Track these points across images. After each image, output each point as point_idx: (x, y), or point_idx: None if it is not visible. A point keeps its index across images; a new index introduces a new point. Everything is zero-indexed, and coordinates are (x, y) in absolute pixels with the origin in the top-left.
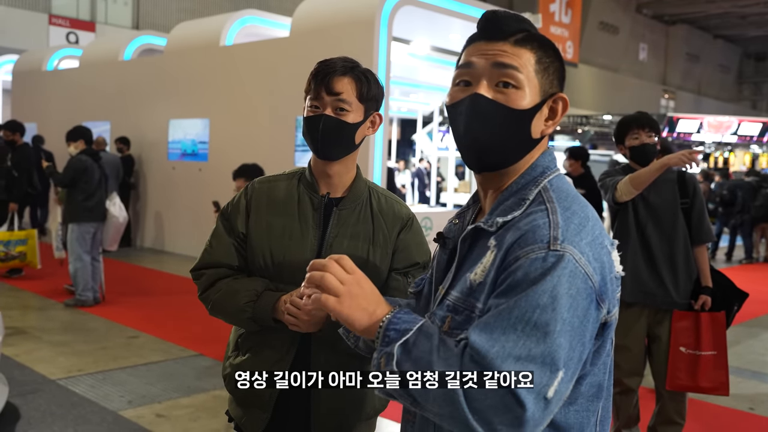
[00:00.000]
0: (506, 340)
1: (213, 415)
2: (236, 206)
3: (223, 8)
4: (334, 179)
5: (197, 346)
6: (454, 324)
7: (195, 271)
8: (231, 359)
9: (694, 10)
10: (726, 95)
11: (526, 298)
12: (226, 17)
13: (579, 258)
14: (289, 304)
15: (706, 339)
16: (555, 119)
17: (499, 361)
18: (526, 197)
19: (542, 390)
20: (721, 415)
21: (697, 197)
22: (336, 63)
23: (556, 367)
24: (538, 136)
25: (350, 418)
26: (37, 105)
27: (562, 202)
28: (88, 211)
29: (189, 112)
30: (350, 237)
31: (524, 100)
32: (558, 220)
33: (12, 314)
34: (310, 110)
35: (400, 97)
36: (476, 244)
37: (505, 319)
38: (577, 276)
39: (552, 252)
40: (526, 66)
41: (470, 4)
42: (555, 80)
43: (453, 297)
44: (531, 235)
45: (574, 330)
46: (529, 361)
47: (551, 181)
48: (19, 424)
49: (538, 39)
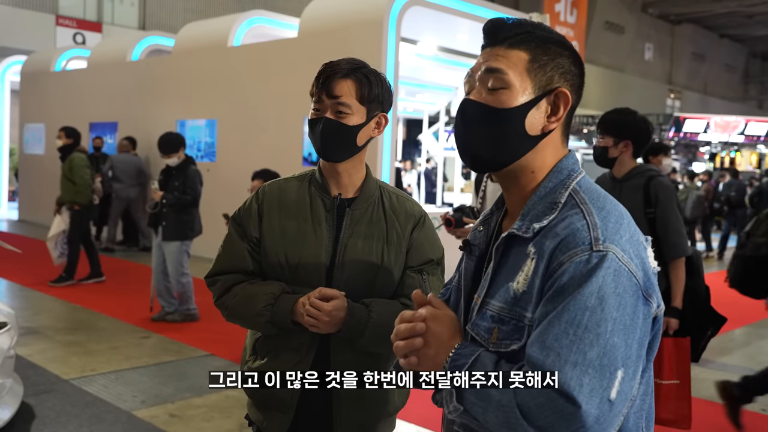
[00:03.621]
0: (560, 347)
1: (226, 416)
2: (248, 211)
3: (230, 8)
4: (343, 179)
5: (208, 346)
6: (501, 335)
7: (209, 278)
8: (249, 363)
9: (700, 9)
10: (732, 95)
11: (573, 302)
12: (233, 18)
13: (621, 256)
14: (309, 306)
15: (668, 366)
16: (557, 114)
17: (557, 370)
18: (557, 200)
19: (605, 392)
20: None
21: (660, 207)
22: (339, 65)
23: (614, 366)
24: (537, 133)
25: (372, 415)
26: (45, 105)
27: (595, 202)
28: (191, 227)
29: (197, 113)
30: (364, 237)
31: (514, 99)
32: (596, 220)
33: (24, 314)
34: (313, 113)
35: (406, 97)
36: (510, 251)
37: (556, 326)
38: (622, 274)
39: (596, 253)
40: (517, 66)
41: (477, 4)
42: (556, 76)
43: (496, 307)
44: (572, 239)
45: (626, 328)
46: (586, 365)
47: (579, 182)
48: (34, 423)
49: (536, 38)
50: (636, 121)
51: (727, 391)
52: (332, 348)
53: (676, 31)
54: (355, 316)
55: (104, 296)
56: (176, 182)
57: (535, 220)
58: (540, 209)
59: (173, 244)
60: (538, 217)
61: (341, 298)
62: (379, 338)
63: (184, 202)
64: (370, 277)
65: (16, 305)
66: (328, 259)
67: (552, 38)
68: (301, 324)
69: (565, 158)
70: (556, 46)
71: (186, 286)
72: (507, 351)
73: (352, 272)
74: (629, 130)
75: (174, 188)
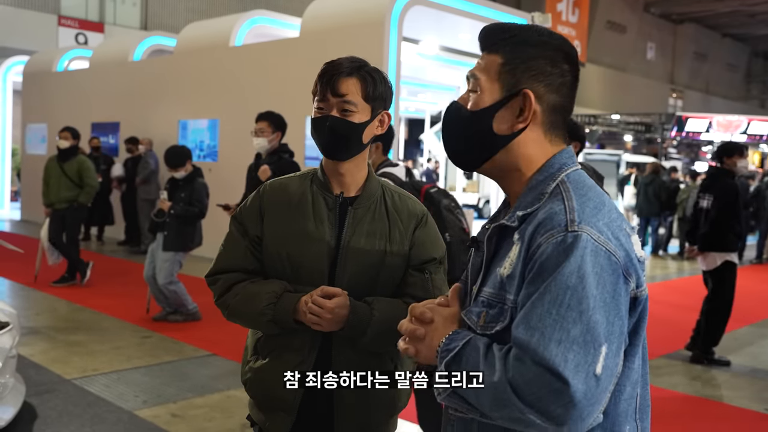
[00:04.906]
0: (544, 326)
1: (228, 416)
2: (249, 209)
3: (231, 8)
4: (346, 178)
5: (210, 346)
6: (488, 318)
7: (210, 277)
8: (251, 363)
9: (702, 8)
10: (734, 94)
11: (554, 282)
12: (235, 18)
13: (597, 236)
14: (311, 304)
15: None
16: (523, 115)
17: (542, 349)
18: (544, 191)
19: (590, 368)
20: (736, 416)
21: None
22: (342, 64)
23: (598, 342)
24: (506, 133)
25: (373, 415)
26: (48, 106)
27: (578, 190)
28: (192, 239)
29: (198, 113)
30: (366, 235)
31: (482, 102)
32: (573, 205)
33: (26, 314)
34: (316, 111)
35: (408, 96)
36: (503, 241)
37: (539, 306)
38: (599, 253)
39: (570, 233)
40: (489, 70)
41: (479, 3)
42: (525, 77)
43: (486, 293)
44: (549, 222)
45: (607, 305)
46: (570, 342)
47: (569, 175)
48: (36, 423)
49: (513, 42)
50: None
51: None
52: (334, 347)
53: (678, 30)
54: (358, 314)
55: (106, 296)
56: (183, 193)
57: (521, 209)
58: (528, 200)
59: (169, 252)
60: (524, 207)
61: (344, 296)
62: (382, 337)
63: (191, 214)
64: (373, 276)
65: (18, 305)
66: (330, 258)
67: (532, 41)
68: (303, 323)
69: (558, 154)
70: (534, 49)
71: (175, 292)
72: (492, 333)
73: (354, 270)
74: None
75: (180, 199)
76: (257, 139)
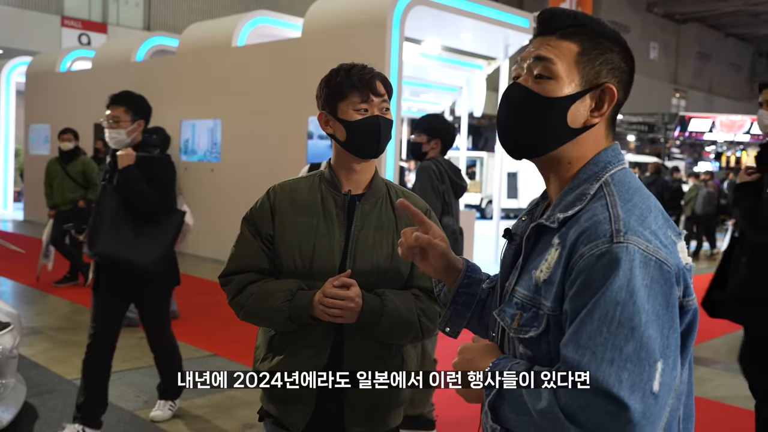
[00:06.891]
0: (595, 345)
1: (229, 416)
2: (260, 210)
3: (234, 9)
4: (360, 176)
5: (211, 346)
6: (523, 321)
7: (223, 278)
8: (267, 361)
9: (705, 8)
10: (737, 94)
11: (603, 297)
12: (238, 18)
13: (646, 246)
14: (330, 298)
15: None
16: (601, 110)
17: (594, 369)
18: (587, 192)
19: (647, 386)
20: (736, 415)
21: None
22: (365, 67)
23: (653, 359)
24: (578, 126)
25: (381, 405)
26: (51, 106)
27: (622, 195)
28: None
29: (201, 113)
30: (375, 228)
31: (560, 90)
32: (619, 212)
33: (28, 315)
34: (357, 113)
35: (410, 97)
36: (540, 240)
37: (588, 324)
38: (649, 264)
39: (616, 245)
40: (566, 57)
41: (482, 3)
42: (604, 71)
43: (520, 294)
44: (593, 231)
45: (660, 318)
46: (623, 360)
47: (613, 175)
48: (37, 423)
49: (589, 31)
50: (444, 123)
51: None
52: (346, 339)
53: (681, 30)
54: (370, 305)
55: None
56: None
57: (562, 210)
58: (570, 199)
59: None
60: (565, 208)
61: (357, 286)
62: (393, 327)
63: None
64: (382, 268)
65: (20, 305)
66: (340, 253)
67: (605, 33)
68: (318, 318)
69: (604, 151)
70: (607, 41)
71: None
72: (525, 337)
73: (363, 263)
74: (438, 129)
75: None
76: (111, 131)
